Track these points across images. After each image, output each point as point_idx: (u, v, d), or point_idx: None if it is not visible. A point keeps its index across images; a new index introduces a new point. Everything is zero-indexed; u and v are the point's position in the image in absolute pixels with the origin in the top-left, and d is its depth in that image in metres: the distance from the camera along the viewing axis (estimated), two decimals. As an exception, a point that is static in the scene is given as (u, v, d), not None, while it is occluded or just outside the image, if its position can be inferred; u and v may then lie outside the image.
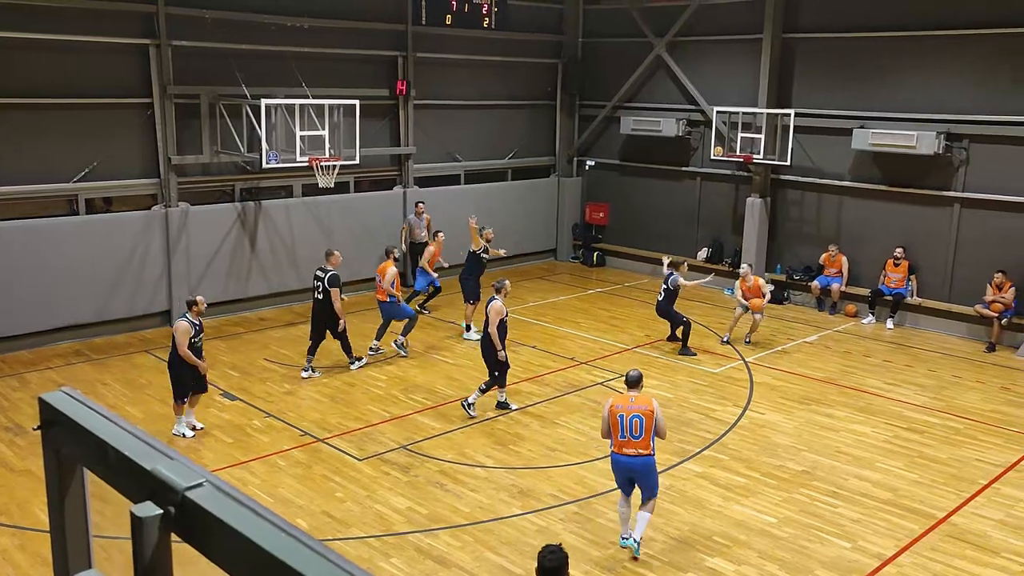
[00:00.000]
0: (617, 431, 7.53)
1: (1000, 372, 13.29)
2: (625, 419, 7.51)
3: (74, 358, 13.02)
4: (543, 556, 5.41)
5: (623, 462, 7.60)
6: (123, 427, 1.23)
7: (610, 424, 7.57)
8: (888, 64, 15.56)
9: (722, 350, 14.06)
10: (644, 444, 7.53)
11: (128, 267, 14.02)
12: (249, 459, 9.71)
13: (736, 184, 18.07)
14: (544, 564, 5.38)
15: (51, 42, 13.05)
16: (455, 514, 8.54)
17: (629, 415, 7.51)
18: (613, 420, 7.55)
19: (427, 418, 11.00)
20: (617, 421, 7.53)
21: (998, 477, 9.59)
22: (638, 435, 7.49)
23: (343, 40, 16.24)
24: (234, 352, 13.42)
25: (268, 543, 0.98)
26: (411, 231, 16.81)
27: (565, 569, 5.41)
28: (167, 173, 14.32)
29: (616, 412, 7.55)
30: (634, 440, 7.50)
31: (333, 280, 12.13)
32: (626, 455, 7.56)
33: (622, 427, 7.50)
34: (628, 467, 7.60)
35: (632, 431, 7.49)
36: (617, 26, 19.51)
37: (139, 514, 1.05)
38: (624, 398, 7.69)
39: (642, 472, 7.61)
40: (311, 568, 0.94)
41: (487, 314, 10.98)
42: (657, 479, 7.83)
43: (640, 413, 7.51)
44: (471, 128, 18.98)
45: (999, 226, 14.62)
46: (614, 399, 7.74)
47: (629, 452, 7.54)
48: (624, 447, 7.54)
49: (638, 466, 7.57)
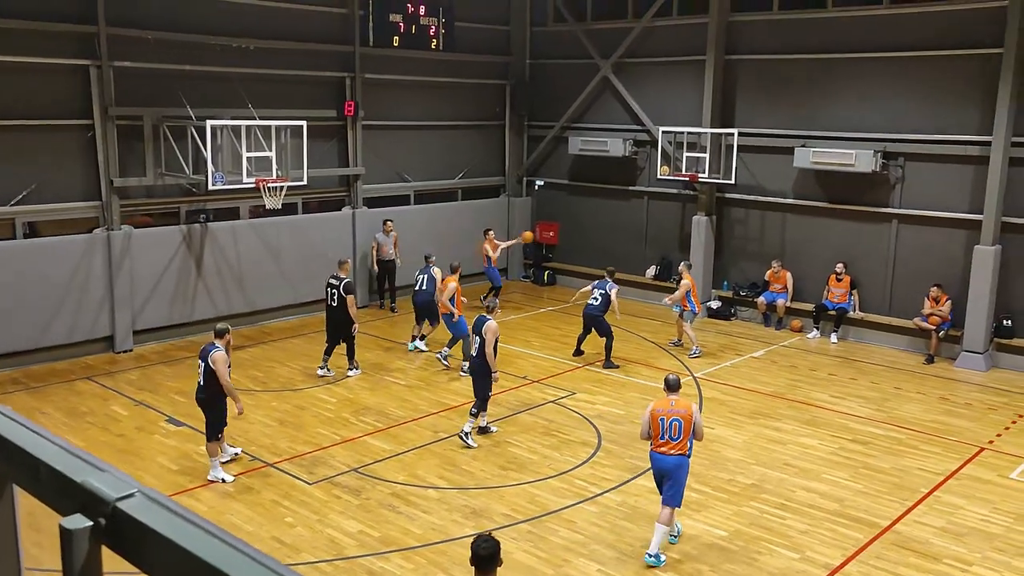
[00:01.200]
0: (657, 433, 7.98)
1: (939, 383, 13.66)
2: (665, 422, 7.95)
3: (11, 386, 12.64)
4: (477, 545, 5.58)
5: (661, 460, 8.02)
6: (53, 441, 1.21)
7: (651, 427, 7.98)
8: (827, 85, 16.00)
9: (670, 365, 14.21)
10: (682, 446, 7.97)
11: (69, 292, 13.68)
12: (195, 486, 9.51)
13: (683, 203, 18.35)
14: (479, 553, 5.54)
15: (-13, 63, 12.77)
16: (407, 536, 8.46)
17: (669, 418, 7.95)
18: (654, 423, 7.99)
19: (378, 440, 10.90)
20: (658, 424, 7.96)
21: (939, 485, 9.83)
22: (676, 437, 7.93)
23: (290, 61, 16.17)
24: (179, 377, 13.15)
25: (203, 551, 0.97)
26: (379, 248, 17.03)
27: (498, 556, 5.58)
28: (109, 195, 14.04)
29: (657, 416, 7.99)
30: (672, 442, 7.94)
31: (348, 287, 12.86)
32: (664, 454, 7.98)
33: (662, 429, 7.95)
34: (664, 466, 8.01)
35: (671, 433, 7.93)
36: (564, 48, 19.76)
37: (68, 526, 1.03)
38: (664, 402, 8.09)
39: (676, 470, 7.99)
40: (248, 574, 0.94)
41: (484, 335, 10.82)
42: (684, 484, 8.13)
43: (680, 417, 7.96)
44: (420, 148, 18.99)
45: (934, 241, 15.08)
46: (655, 403, 8.16)
47: (667, 452, 7.95)
48: (663, 447, 7.97)
49: (673, 465, 7.98)
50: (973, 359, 14.27)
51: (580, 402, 12.37)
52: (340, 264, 13.31)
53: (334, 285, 12.97)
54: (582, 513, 9.01)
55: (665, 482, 8.01)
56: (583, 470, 10.10)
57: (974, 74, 14.36)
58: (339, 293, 12.85)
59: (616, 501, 9.29)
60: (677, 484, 7.97)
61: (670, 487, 7.98)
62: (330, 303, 13.05)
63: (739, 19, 16.96)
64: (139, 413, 11.68)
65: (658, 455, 8.00)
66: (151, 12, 14.24)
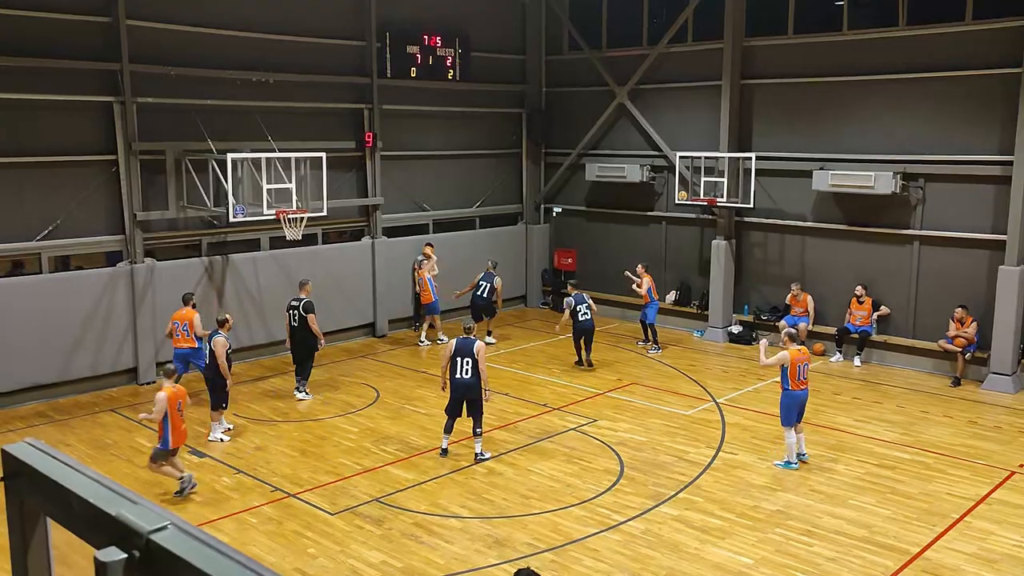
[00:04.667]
0: (794, 375, 10.68)
1: (966, 406, 13.46)
2: (801, 367, 10.73)
3: (37, 419, 12.74)
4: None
5: (798, 395, 10.82)
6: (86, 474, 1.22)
7: (789, 370, 10.65)
8: (844, 107, 15.98)
9: (691, 390, 14.11)
10: (807, 383, 10.95)
11: (92, 325, 13.82)
12: (219, 517, 9.51)
13: (701, 227, 18.32)
14: None
15: (14, 101, 13.01)
16: (430, 567, 8.41)
17: (802, 363, 10.77)
18: (792, 368, 10.66)
19: (400, 469, 10.88)
20: (796, 369, 10.68)
21: (969, 511, 9.66)
22: (805, 377, 10.85)
23: (308, 94, 16.38)
24: (202, 408, 13.20)
25: (234, 583, 0.98)
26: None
27: None
28: (132, 229, 14.22)
29: (796, 363, 10.71)
30: (804, 381, 10.83)
31: (307, 307, 13.36)
32: (800, 390, 10.79)
33: (799, 372, 10.70)
34: (802, 397, 10.88)
35: (803, 375, 10.78)
36: (579, 75, 19.88)
37: (103, 559, 1.04)
38: (797, 352, 10.76)
39: (806, 399, 10.99)
40: (278, 607, 0.94)
41: (476, 355, 11.04)
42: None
43: (808, 361, 10.98)
44: (438, 178, 19.11)
45: (957, 262, 14.94)
46: (790, 353, 10.70)
47: (803, 387, 10.81)
48: (800, 386, 10.78)
49: (806, 396, 10.97)
50: (1001, 381, 14.07)
51: (602, 429, 12.30)
52: (301, 285, 13.80)
53: (294, 307, 13.50)
54: (606, 542, 8.92)
55: (799, 409, 10.84)
56: (606, 498, 10.01)
57: (993, 94, 14.29)
58: (299, 314, 13.37)
59: (640, 529, 9.19)
60: (803, 408, 10.94)
61: (802, 412, 10.90)
62: (292, 323, 13.55)
63: (754, 44, 17.01)
64: (162, 445, 11.72)
65: (797, 392, 10.77)
66: (172, 48, 14.49)
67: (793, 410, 10.86)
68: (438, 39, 17.95)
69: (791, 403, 10.83)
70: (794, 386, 10.74)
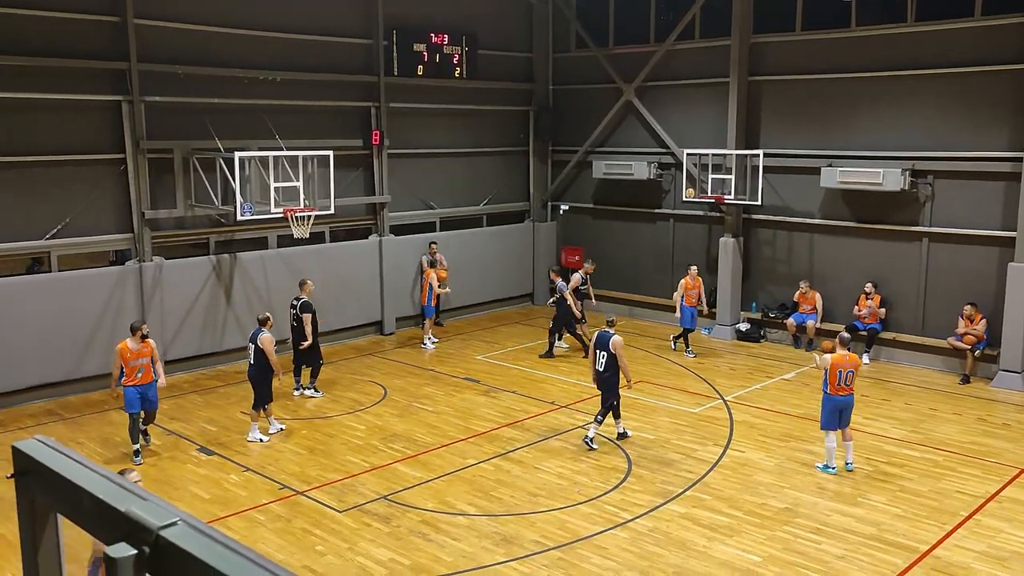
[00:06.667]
0: (835, 380, 10.48)
1: (976, 403, 13.41)
2: (843, 373, 10.49)
3: (46, 418, 12.80)
4: None
5: (839, 400, 10.59)
6: (96, 471, 1.22)
7: (830, 375, 10.50)
8: (852, 103, 15.92)
9: (700, 388, 14.09)
10: (852, 388, 10.66)
11: (101, 323, 13.87)
12: (227, 514, 9.54)
13: (709, 224, 18.28)
14: None
15: (23, 100, 13.06)
16: (438, 564, 8.42)
17: (846, 370, 10.50)
18: (833, 373, 10.47)
19: (407, 467, 10.89)
20: (837, 374, 10.47)
21: (979, 508, 9.62)
22: (849, 383, 10.58)
23: (316, 93, 16.39)
24: (211, 406, 13.26)
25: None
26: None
27: None
28: (140, 228, 14.27)
29: (837, 368, 10.48)
30: (846, 387, 10.56)
31: (306, 307, 13.41)
32: (841, 395, 10.56)
33: (840, 378, 10.48)
34: (842, 403, 10.61)
35: (846, 380, 10.54)
36: (586, 73, 19.86)
37: (114, 555, 1.05)
38: (840, 357, 10.52)
39: (849, 405, 10.70)
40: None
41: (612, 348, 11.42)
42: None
43: (852, 368, 10.58)
44: (445, 176, 19.12)
45: (967, 259, 14.87)
46: (833, 358, 10.51)
47: (843, 393, 10.55)
48: (840, 391, 10.54)
49: (848, 402, 10.66)
50: (1011, 378, 14.00)
51: (609, 427, 12.29)
52: (301, 285, 13.80)
53: (294, 306, 13.58)
54: (613, 539, 8.91)
55: (841, 415, 10.62)
56: (613, 496, 10.01)
57: (1003, 90, 14.22)
58: (297, 314, 13.44)
59: (647, 527, 9.19)
60: (849, 414, 10.70)
61: (847, 418, 10.68)
62: (292, 323, 13.65)
63: (762, 40, 16.96)
64: (171, 442, 11.78)
65: (838, 397, 10.56)
66: (180, 47, 14.52)
67: (834, 414, 10.64)
68: (445, 37, 17.95)
69: (830, 407, 10.65)
70: (833, 390, 10.54)
